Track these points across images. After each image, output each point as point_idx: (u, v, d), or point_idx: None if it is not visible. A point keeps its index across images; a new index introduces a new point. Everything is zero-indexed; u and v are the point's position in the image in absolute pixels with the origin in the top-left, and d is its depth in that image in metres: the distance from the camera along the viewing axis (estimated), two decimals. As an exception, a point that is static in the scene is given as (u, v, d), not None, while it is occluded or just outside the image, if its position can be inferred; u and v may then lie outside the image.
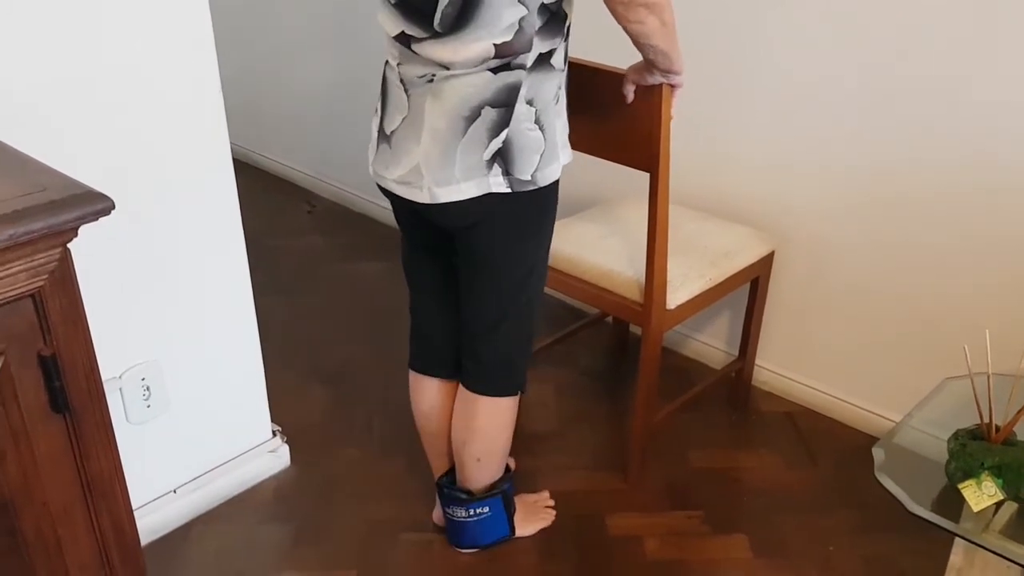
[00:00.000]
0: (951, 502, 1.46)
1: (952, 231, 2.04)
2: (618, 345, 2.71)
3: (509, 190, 1.53)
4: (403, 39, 1.49)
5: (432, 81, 1.49)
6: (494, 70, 1.46)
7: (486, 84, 1.46)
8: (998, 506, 1.44)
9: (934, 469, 1.53)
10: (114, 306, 1.73)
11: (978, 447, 1.47)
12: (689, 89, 1.75)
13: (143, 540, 1.24)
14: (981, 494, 1.43)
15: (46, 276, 0.99)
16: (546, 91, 1.52)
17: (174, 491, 2.00)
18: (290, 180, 3.93)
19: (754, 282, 2.25)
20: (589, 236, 2.14)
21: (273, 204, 3.69)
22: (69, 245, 1.00)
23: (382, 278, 3.09)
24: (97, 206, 0.99)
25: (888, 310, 2.20)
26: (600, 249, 2.08)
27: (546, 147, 1.54)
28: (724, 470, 2.20)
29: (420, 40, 1.46)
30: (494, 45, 1.42)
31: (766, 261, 2.22)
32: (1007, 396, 1.52)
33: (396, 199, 1.63)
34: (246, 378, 2.08)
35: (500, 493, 1.89)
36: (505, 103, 1.48)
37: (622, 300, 1.99)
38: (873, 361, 2.27)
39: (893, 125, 2.05)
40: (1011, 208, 1.94)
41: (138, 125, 1.67)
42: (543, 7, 1.44)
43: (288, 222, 3.57)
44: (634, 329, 2.66)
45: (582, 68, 1.77)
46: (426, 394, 1.87)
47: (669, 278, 1.94)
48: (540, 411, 2.40)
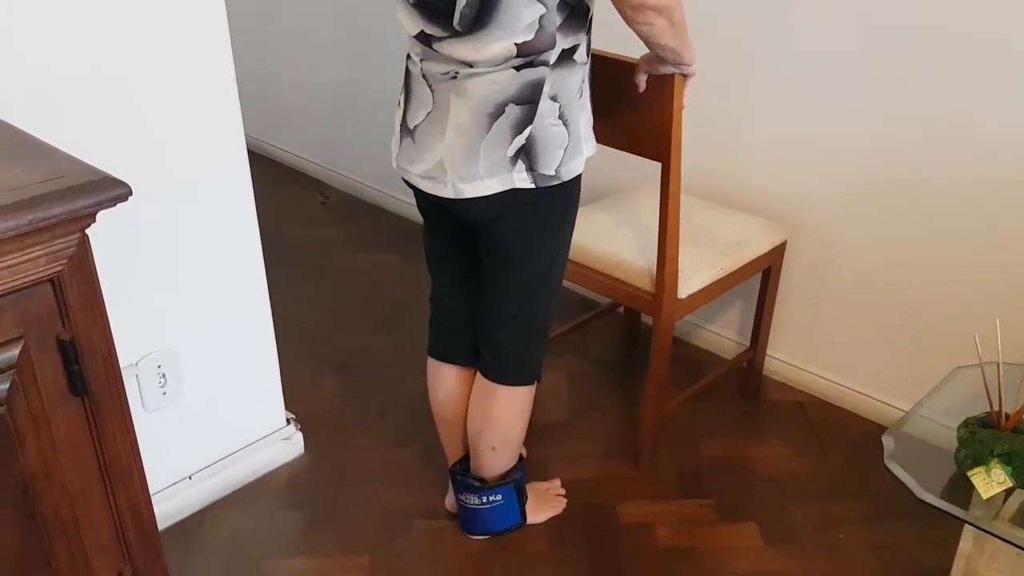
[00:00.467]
0: (961, 490, 1.46)
1: (964, 221, 2.04)
2: (630, 335, 2.71)
3: (533, 186, 1.52)
4: (423, 38, 1.48)
5: (456, 78, 1.48)
6: (517, 67, 1.45)
7: (509, 81, 1.46)
8: (1007, 494, 1.45)
9: (944, 457, 1.54)
10: (130, 294, 1.75)
11: (988, 435, 1.47)
12: (701, 79, 1.74)
13: (159, 525, 1.26)
14: (990, 481, 1.43)
15: (65, 261, 1.01)
16: (570, 86, 1.51)
17: (189, 477, 2.02)
18: (303, 171, 3.95)
19: (765, 272, 2.25)
20: (601, 225, 2.15)
21: (287, 195, 3.71)
22: (87, 232, 1.02)
23: (395, 269, 3.10)
24: (114, 192, 1.00)
25: (899, 300, 2.20)
26: (612, 238, 2.09)
27: (570, 141, 1.53)
28: (735, 459, 2.21)
29: (440, 39, 1.45)
30: (515, 44, 1.41)
31: (778, 251, 2.22)
32: (1017, 385, 1.53)
33: (420, 192, 1.64)
34: (260, 366, 2.10)
35: (513, 482, 1.90)
36: (529, 100, 1.47)
37: (634, 289, 2.00)
38: (884, 351, 2.27)
39: (906, 115, 2.04)
40: (1023, 198, 1.94)
41: (156, 117, 1.70)
42: (562, 3, 1.42)
43: (302, 213, 3.59)
44: (646, 319, 2.66)
45: (594, 57, 1.75)
46: (444, 381, 1.88)
47: (680, 268, 1.94)
48: (552, 400, 2.41)
